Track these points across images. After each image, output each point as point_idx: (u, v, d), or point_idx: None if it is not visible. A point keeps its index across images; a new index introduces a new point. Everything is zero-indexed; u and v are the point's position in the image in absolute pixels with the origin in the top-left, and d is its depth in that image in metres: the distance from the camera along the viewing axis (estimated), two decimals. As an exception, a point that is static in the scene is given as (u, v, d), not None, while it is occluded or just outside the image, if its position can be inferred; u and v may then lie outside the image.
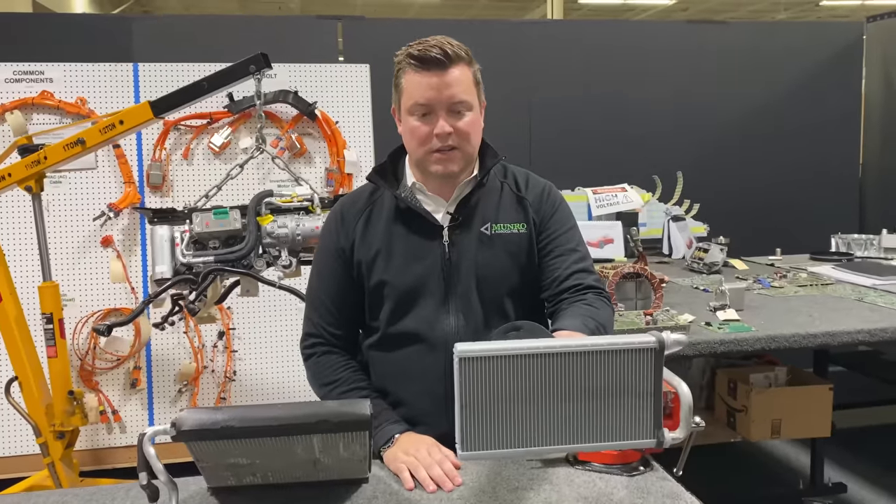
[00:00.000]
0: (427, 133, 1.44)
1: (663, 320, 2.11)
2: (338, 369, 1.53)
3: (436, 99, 1.42)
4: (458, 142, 1.45)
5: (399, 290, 1.50)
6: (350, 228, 1.54)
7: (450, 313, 1.49)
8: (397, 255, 1.50)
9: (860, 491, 3.04)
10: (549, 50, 3.97)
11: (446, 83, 1.41)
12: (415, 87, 1.43)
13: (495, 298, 1.52)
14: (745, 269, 3.20)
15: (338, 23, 3.73)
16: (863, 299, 2.50)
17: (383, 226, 1.52)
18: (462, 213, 1.51)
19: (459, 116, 1.45)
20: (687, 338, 1.03)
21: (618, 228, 3.33)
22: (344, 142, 3.29)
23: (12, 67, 3.08)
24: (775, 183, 4.17)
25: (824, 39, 4.26)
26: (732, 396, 2.69)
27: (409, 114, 1.46)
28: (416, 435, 1.41)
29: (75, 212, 3.13)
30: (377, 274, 1.51)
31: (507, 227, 1.53)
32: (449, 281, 1.49)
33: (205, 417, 1.06)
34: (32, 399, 2.49)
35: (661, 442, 1.01)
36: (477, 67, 1.50)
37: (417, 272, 1.49)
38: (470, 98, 1.45)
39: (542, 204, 1.57)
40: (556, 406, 1.01)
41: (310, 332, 1.58)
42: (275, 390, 3.29)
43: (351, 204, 1.58)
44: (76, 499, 1.25)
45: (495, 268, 1.51)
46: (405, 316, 1.51)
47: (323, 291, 1.56)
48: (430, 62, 1.40)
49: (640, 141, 4.02)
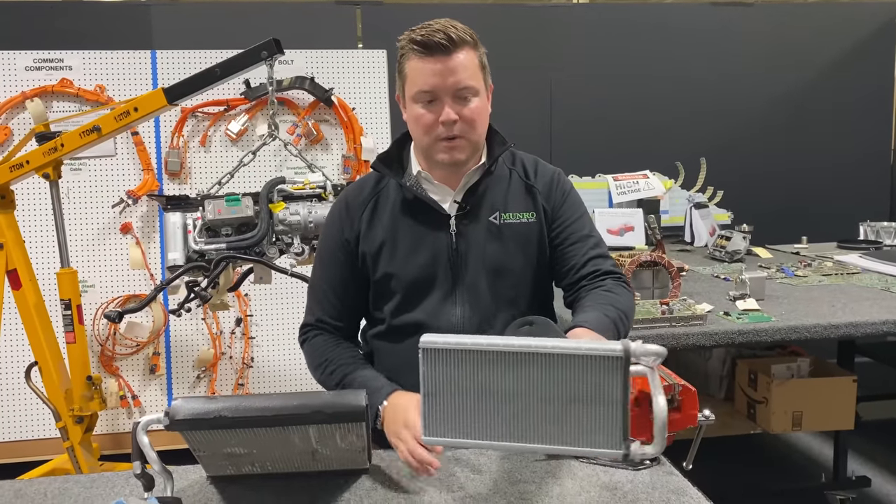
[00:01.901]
0: (432, 121, 1.41)
1: (679, 309, 2.07)
2: (327, 349, 1.52)
3: (440, 85, 1.38)
4: (464, 129, 1.42)
5: (405, 281, 1.48)
6: (355, 219, 1.52)
7: (456, 304, 1.48)
8: (403, 246, 1.48)
9: (885, 485, 2.97)
10: (570, 34, 3.91)
11: (451, 69, 1.38)
12: (418, 73, 1.39)
13: (504, 289, 1.49)
14: (769, 258, 3.13)
15: (356, 8, 3.71)
16: (889, 289, 2.43)
17: (389, 216, 1.50)
18: (469, 201, 1.49)
19: (465, 103, 1.41)
20: (664, 349, 0.97)
21: (638, 216, 3.28)
22: (361, 128, 3.27)
23: (33, 55, 3.10)
24: (802, 169, 4.07)
25: (855, 21, 4.13)
26: (753, 387, 2.63)
27: (413, 101, 1.43)
28: (396, 403, 1.34)
29: (95, 199, 3.16)
30: (383, 266, 1.49)
31: (517, 217, 1.50)
32: (456, 271, 1.47)
33: (198, 407, 1.06)
34: (52, 384, 2.52)
35: (627, 455, 0.97)
36: (483, 51, 1.46)
37: (424, 263, 1.47)
38: (476, 83, 1.41)
39: (552, 192, 1.54)
40: (519, 404, 0.99)
41: (307, 322, 1.58)
42: (292, 377, 3.30)
43: (356, 194, 1.55)
44: (78, 486, 1.25)
45: (505, 258, 1.49)
46: (411, 307, 1.49)
47: (326, 282, 1.55)
48: (434, 47, 1.37)
49: (663, 127, 3.95)
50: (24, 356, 3.03)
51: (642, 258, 2.26)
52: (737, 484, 2.97)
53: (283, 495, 1.20)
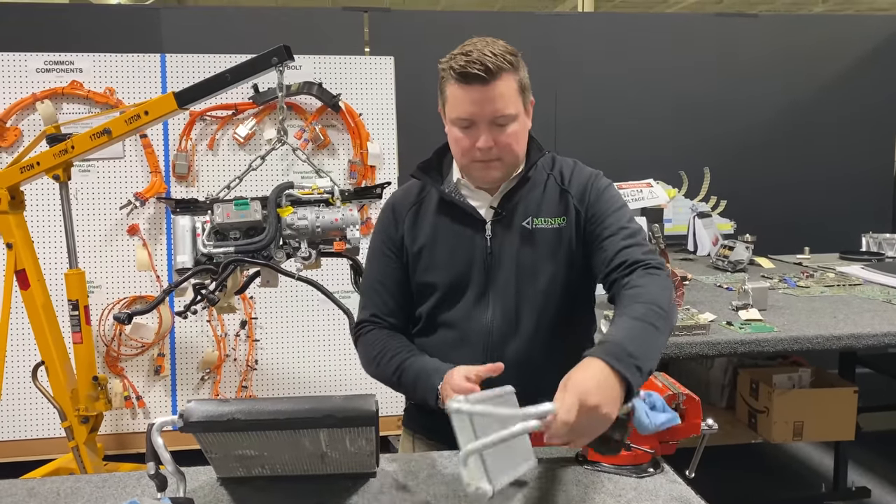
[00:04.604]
0: (470, 145, 1.45)
1: (682, 319, 2.09)
2: (381, 341, 1.55)
3: (478, 114, 1.41)
4: (501, 153, 1.46)
5: (443, 282, 1.54)
6: (401, 221, 1.58)
7: (488, 306, 1.52)
8: (442, 250, 1.54)
9: (885, 496, 2.98)
10: (575, 43, 3.93)
11: (489, 98, 1.40)
12: (457, 100, 1.42)
13: (532, 293, 1.52)
14: (772, 268, 3.15)
15: (364, 14, 3.73)
16: (891, 301, 2.45)
17: (429, 220, 1.56)
18: (505, 207, 1.53)
19: (502, 130, 1.44)
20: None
21: (642, 224, 3.29)
22: (367, 134, 3.30)
23: (44, 57, 3.13)
24: (806, 180, 4.09)
25: (859, 34, 4.16)
26: (754, 397, 2.65)
27: (451, 124, 1.47)
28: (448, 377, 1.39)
29: (103, 200, 3.18)
30: (422, 267, 1.55)
31: (547, 222, 1.53)
32: (490, 273, 1.52)
33: (212, 409, 1.08)
34: (58, 384, 2.54)
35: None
36: (524, 72, 1.48)
37: (461, 265, 1.53)
38: (513, 110, 1.44)
39: (586, 193, 1.54)
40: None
41: (361, 319, 1.61)
42: (296, 380, 3.32)
43: (402, 198, 1.62)
44: (90, 485, 1.27)
45: (533, 262, 1.52)
46: (447, 307, 1.55)
47: (376, 279, 1.60)
48: (472, 77, 1.39)
49: (667, 136, 3.97)
50: (31, 356, 3.05)
51: (646, 267, 2.27)
52: (738, 493, 2.98)
53: (292, 497, 1.22)
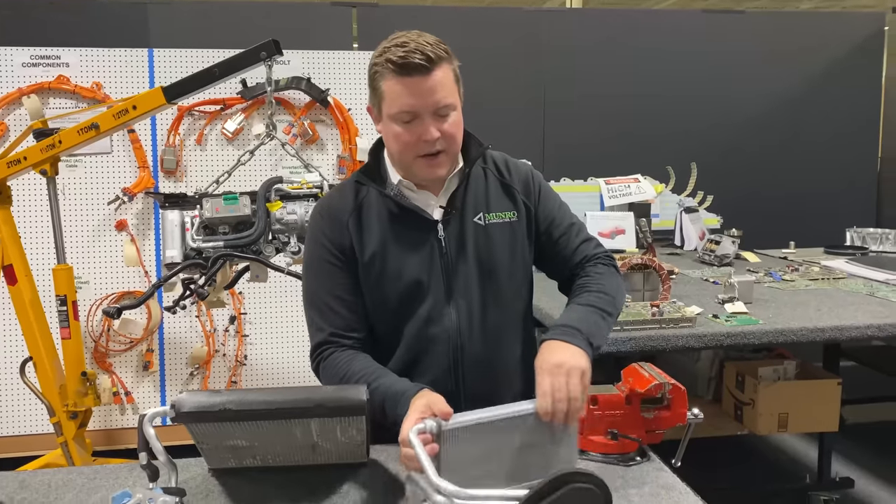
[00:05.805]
0: (413, 139, 1.40)
1: (669, 312, 2.11)
2: (342, 365, 1.40)
3: (421, 106, 1.37)
4: (446, 145, 1.42)
5: (400, 290, 1.46)
6: (343, 228, 1.48)
7: (451, 307, 1.48)
8: (394, 256, 1.47)
9: (868, 486, 3.02)
10: (563, 38, 3.94)
11: (430, 88, 1.37)
12: (397, 94, 1.38)
13: (496, 289, 1.51)
14: (757, 262, 3.18)
15: (353, 9, 3.73)
16: (874, 294, 2.48)
17: (376, 226, 1.48)
18: (454, 205, 1.49)
19: (444, 120, 1.40)
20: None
21: (629, 219, 3.31)
22: (356, 129, 3.30)
23: (30, 52, 3.11)
24: (791, 175, 4.12)
25: (844, 30, 4.19)
26: (740, 389, 2.68)
27: (391, 120, 1.41)
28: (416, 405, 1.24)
29: (90, 196, 3.17)
30: (375, 278, 1.47)
31: (499, 216, 1.52)
32: (449, 275, 1.48)
33: (204, 400, 1.08)
34: (46, 379, 2.54)
35: None
36: (457, 63, 1.44)
37: (416, 270, 1.46)
38: (454, 99, 1.41)
39: (531, 189, 1.56)
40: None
41: (318, 342, 1.45)
42: (285, 375, 3.32)
43: (339, 202, 1.51)
44: (81, 477, 1.28)
45: (493, 257, 1.50)
46: (408, 314, 1.48)
47: (328, 294, 1.46)
48: (413, 68, 1.35)
49: (654, 131, 3.98)
50: (18, 351, 3.04)
51: (633, 261, 2.30)
52: (724, 484, 3.01)
53: (283, 487, 1.23)
